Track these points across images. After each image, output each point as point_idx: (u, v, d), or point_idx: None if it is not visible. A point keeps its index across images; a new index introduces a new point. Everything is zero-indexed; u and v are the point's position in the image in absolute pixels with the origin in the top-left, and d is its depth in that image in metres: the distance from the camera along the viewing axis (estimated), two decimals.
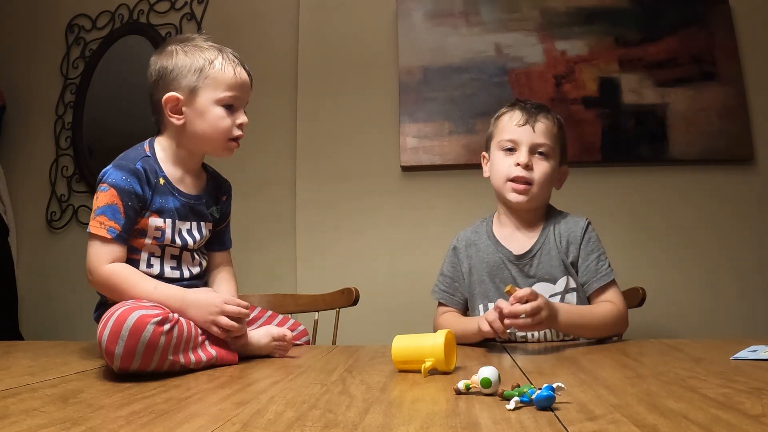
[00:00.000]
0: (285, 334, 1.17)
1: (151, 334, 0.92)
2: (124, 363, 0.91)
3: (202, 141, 1.19)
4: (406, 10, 2.40)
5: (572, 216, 1.42)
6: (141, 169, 1.12)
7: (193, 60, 1.15)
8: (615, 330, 1.31)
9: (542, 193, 1.38)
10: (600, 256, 1.35)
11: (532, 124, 1.36)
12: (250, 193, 2.50)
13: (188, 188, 1.22)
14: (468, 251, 1.44)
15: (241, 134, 1.20)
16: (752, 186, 2.19)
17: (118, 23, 2.74)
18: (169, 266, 1.17)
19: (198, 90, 1.15)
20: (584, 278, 1.34)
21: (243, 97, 1.20)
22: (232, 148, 1.22)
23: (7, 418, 0.67)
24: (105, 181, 1.11)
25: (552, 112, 1.43)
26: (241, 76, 1.19)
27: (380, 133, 2.38)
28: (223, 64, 1.17)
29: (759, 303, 2.12)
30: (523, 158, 1.35)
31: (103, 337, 0.92)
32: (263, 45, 2.58)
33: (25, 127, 2.81)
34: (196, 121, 1.16)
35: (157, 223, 1.14)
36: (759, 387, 0.74)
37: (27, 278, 2.66)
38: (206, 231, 1.25)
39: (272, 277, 2.39)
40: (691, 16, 2.26)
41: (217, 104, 1.16)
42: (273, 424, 0.63)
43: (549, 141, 1.37)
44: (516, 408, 0.67)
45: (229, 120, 1.17)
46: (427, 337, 0.94)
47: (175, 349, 0.97)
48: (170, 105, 1.15)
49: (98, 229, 1.08)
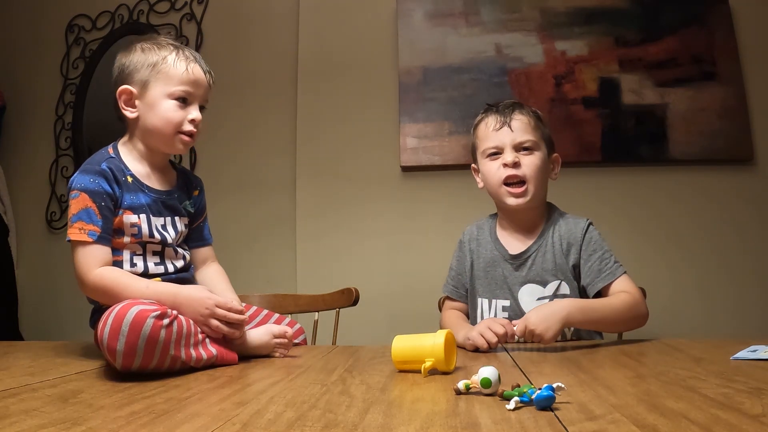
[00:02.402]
0: (285, 331, 1.17)
1: (151, 328, 0.92)
2: (126, 360, 0.91)
3: (154, 135, 1.19)
4: (406, 10, 2.40)
5: (573, 217, 1.41)
6: (107, 169, 1.14)
7: (148, 56, 1.18)
8: (634, 320, 1.27)
9: (538, 188, 1.36)
10: (603, 255, 1.33)
11: (508, 124, 1.36)
12: (250, 194, 2.51)
13: (157, 184, 1.23)
14: (471, 246, 1.46)
15: (192, 129, 1.19)
16: (752, 186, 2.19)
17: (118, 23, 2.74)
18: (153, 262, 1.18)
19: (149, 84, 1.17)
20: (588, 279, 1.32)
21: (196, 93, 1.20)
22: (184, 143, 1.20)
23: (7, 418, 0.67)
24: (74, 188, 1.13)
25: (525, 107, 1.41)
26: (194, 72, 1.19)
27: (380, 134, 2.38)
28: (176, 59, 1.18)
29: (759, 303, 2.12)
30: (509, 158, 1.34)
31: (104, 335, 0.91)
32: (263, 45, 2.58)
33: (25, 127, 2.81)
34: (148, 114, 1.18)
35: (131, 220, 1.15)
36: (759, 387, 0.74)
37: (27, 278, 2.66)
38: (182, 226, 1.26)
39: (272, 277, 2.39)
40: (691, 16, 2.26)
41: (168, 98, 1.17)
42: (273, 424, 0.63)
43: (530, 135, 1.36)
44: (516, 408, 0.67)
45: (180, 113, 1.18)
46: (427, 337, 0.94)
47: (176, 345, 0.97)
48: (124, 98, 1.18)
49: (78, 235, 1.09)
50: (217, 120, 2.58)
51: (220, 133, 2.56)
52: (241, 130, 2.55)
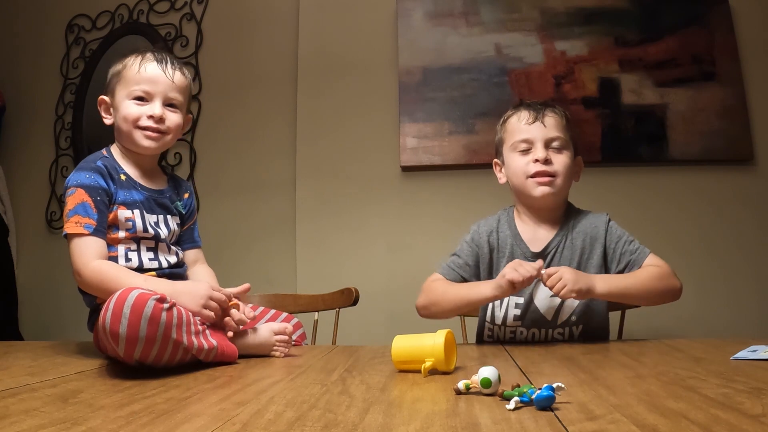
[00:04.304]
0: (285, 328, 1.19)
1: (152, 309, 0.93)
2: (129, 346, 0.92)
3: (121, 134, 1.25)
4: (406, 10, 2.40)
5: (593, 213, 1.42)
6: (102, 166, 1.19)
7: (116, 66, 1.25)
8: (666, 291, 1.29)
9: (565, 185, 1.38)
10: (629, 238, 1.37)
11: (541, 119, 1.37)
12: (250, 194, 2.51)
13: (149, 184, 1.28)
14: (490, 238, 1.43)
15: (150, 124, 1.22)
16: (752, 186, 2.19)
17: (118, 23, 2.74)
18: (147, 258, 1.21)
19: (115, 89, 1.24)
20: (625, 261, 1.34)
21: (154, 91, 1.22)
22: (148, 138, 1.23)
23: (7, 418, 0.67)
24: (70, 185, 1.17)
25: (557, 107, 1.43)
26: (147, 70, 1.22)
27: (380, 134, 2.38)
28: (133, 62, 1.23)
29: (758, 302, 2.12)
30: (540, 153, 1.35)
31: (106, 320, 0.92)
32: (263, 45, 2.58)
33: (25, 127, 2.81)
34: (116, 117, 1.24)
35: (126, 215, 1.19)
36: (759, 387, 0.74)
37: (27, 278, 2.67)
38: (174, 225, 1.30)
39: (272, 278, 2.39)
40: (691, 16, 2.26)
41: (127, 98, 1.22)
42: (273, 424, 0.63)
43: (561, 133, 1.37)
44: (516, 408, 0.67)
45: (137, 109, 1.22)
46: (427, 337, 0.94)
47: (178, 329, 0.98)
48: (103, 107, 1.28)
49: (75, 227, 1.13)
50: (217, 121, 2.58)
51: (220, 134, 2.56)
52: (241, 130, 2.55)
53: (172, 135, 1.26)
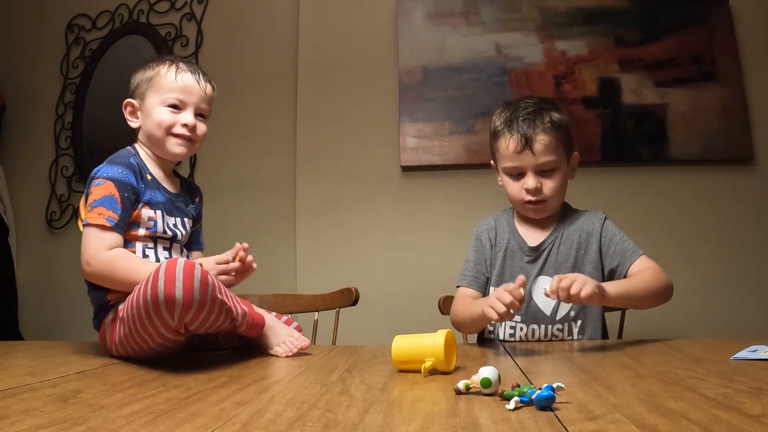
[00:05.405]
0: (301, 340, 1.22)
1: (201, 272, 0.98)
2: (184, 311, 0.96)
3: (151, 139, 1.28)
4: (406, 10, 2.40)
5: (589, 212, 1.44)
6: (135, 164, 1.22)
7: (147, 72, 1.29)
8: (664, 292, 1.29)
9: (558, 200, 1.40)
10: (623, 237, 1.37)
11: (530, 146, 1.32)
12: (250, 193, 2.51)
13: (169, 187, 1.32)
14: (489, 235, 1.47)
15: (185, 133, 1.27)
16: (752, 186, 2.19)
17: (118, 23, 2.74)
18: (163, 256, 1.24)
19: (146, 95, 1.27)
20: (616, 260, 1.35)
21: (188, 100, 1.27)
22: (180, 145, 1.28)
23: (7, 418, 0.67)
24: (100, 176, 1.18)
25: (547, 114, 1.34)
26: (183, 80, 1.27)
27: (380, 133, 2.38)
28: (167, 71, 1.27)
29: (759, 303, 2.12)
30: (531, 184, 1.34)
31: (159, 287, 0.95)
32: (263, 45, 2.58)
33: (25, 127, 2.81)
34: (146, 121, 1.27)
35: (149, 214, 1.22)
36: (759, 387, 0.74)
37: (27, 278, 2.66)
38: (188, 227, 1.35)
39: (272, 277, 2.39)
40: (691, 16, 2.26)
41: (161, 105, 1.26)
42: (273, 424, 0.63)
43: (552, 156, 1.33)
44: (516, 408, 0.67)
45: (172, 116, 1.26)
46: (427, 337, 0.94)
47: (221, 290, 1.04)
48: (128, 110, 1.30)
49: (97, 218, 1.14)
50: (217, 119, 2.57)
51: (220, 133, 2.55)
52: (242, 129, 2.55)
53: (199, 144, 1.32)
